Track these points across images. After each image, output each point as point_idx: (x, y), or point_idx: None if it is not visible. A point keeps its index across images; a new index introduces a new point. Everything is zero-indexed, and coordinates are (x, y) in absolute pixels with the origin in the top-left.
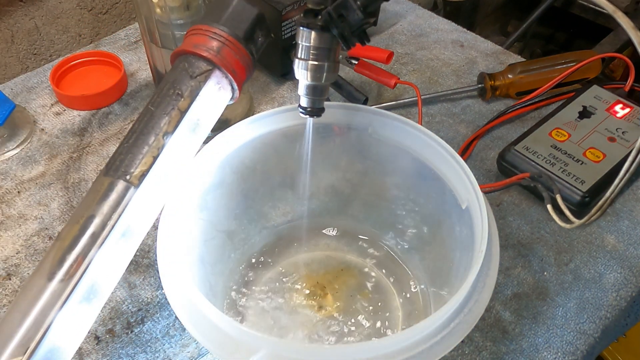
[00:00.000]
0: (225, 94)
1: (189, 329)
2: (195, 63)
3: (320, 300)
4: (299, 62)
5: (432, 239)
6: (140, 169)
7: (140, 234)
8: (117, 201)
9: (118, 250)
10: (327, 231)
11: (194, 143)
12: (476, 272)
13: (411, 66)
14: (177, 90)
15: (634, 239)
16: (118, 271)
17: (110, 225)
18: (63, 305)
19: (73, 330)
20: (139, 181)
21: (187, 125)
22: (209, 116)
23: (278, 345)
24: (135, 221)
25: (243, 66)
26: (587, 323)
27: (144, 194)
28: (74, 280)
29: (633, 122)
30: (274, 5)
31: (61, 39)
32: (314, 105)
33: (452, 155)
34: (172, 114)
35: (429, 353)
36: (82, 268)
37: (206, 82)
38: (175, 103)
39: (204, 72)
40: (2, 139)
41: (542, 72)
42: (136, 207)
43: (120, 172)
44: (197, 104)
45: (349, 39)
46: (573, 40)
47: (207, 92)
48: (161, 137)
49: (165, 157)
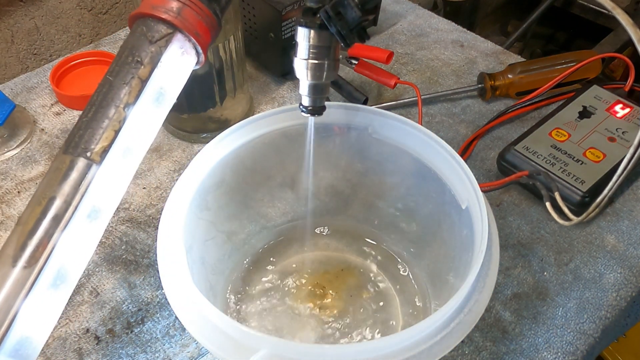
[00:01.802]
0: (190, 58)
1: (189, 329)
2: (154, 26)
3: (320, 300)
4: (299, 61)
5: (432, 239)
6: (102, 144)
7: (106, 214)
8: (79, 180)
9: (84, 232)
10: (327, 231)
11: (159, 114)
12: (476, 272)
13: (411, 66)
14: (136, 58)
15: (634, 239)
16: (86, 254)
17: (73, 206)
18: (29, 292)
19: (42, 318)
20: (100, 158)
21: (150, 94)
22: (174, 84)
23: (278, 345)
24: (100, 200)
25: (207, 28)
26: (587, 323)
27: (107, 171)
28: (39, 265)
29: (633, 122)
30: (274, 5)
31: (61, 39)
32: (315, 104)
33: (452, 155)
34: (133, 84)
35: (429, 353)
36: (46, 253)
37: (167, 47)
38: (135, 71)
39: (164, 36)
40: (2, 139)
41: (542, 72)
42: (100, 186)
43: (80, 148)
44: (159, 71)
45: (348, 37)
46: (573, 40)
47: (169, 57)
48: (122, 109)
49: (129, 131)
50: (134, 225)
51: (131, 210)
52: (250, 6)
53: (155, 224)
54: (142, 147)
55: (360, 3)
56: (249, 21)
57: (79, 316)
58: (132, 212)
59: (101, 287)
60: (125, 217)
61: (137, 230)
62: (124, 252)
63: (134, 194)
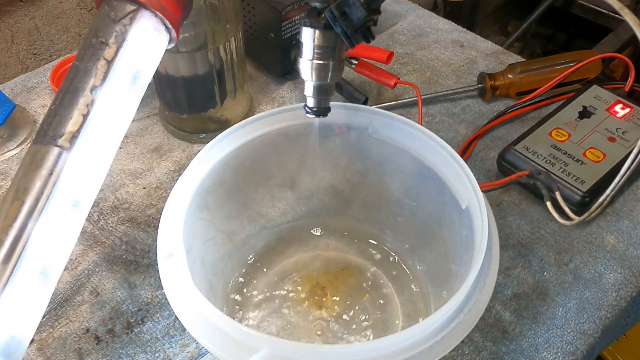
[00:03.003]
0: (160, 35)
1: (189, 329)
2: (117, 5)
3: (320, 300)
4: (304, 62)
5: (432, 239)
6: (70, 129)
7: (85, 202)
8: (50, 169)
9: (62, 222)
10: (327, 231)
11: (133, 95)
12: (476, 272)
13: (411, 66)
14: (100, 39)
15: (634, 239)
16: (66, 245)
17: (46, 195)
18: (5, 286)
19: (25, 315)
20: (70, 144)
21: (120, 75)
22: (146, 63)
23: (278, 345)
24: (77, 188)
25: (174, 1)
26: (587, 323)
27: (80, 158)
28: (13, 260)
29: (633, 122)
30: (274, 5)
31: (61, 39)
32: (320, 105)
33: (452, 155)
34: (98, 65)
35: (429, 353)
36: (20, 246)
37: (132, 24)
38: (100, 53)
39: (127, 14)
40: (2, 139)
41: (542, 72)
42: (75, 172)
43: (49, 137)
44: (126, 50)
45: (353, 37)
46: (573, 40)
47: (136, 35)
48: (89, 92)
49: (99, 114)
50: (134, 225)
51: (131, 210)
52: (250, 6)
53: (155, 224)
54: (117, 130)
55: (365, 3)
56: (249, 21)
57: (79, 316)
58: (132, 212)
59: (101, 287)
60: (125, 217)
61: (137, 230)
62: (124, 252)
63: (134, 194)
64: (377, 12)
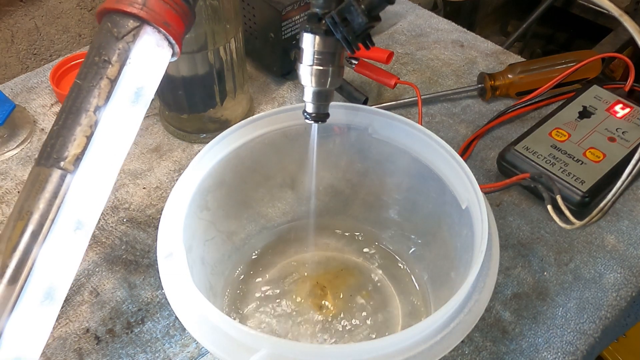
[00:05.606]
0: (163, 51)
1: (189, 329)
2: (120, 21)
3: (320, 300)
4: (304, 68)
5: (432, 239)
6: (74, 152)
7: (89, 224)
8: (54, 192)
9: (66, 244)
10: (327, 231)
11: (136, 113)
12: (476, 272)
13: (411, 66)
14: (103, 57)
15: (634, 239)
16: (71, 267)
17: (50, 220)
18: (12, 310)
19: (31, 337)
20: (74, 166)
21: (124, 94)
22: (149, 80)
23: (278, 345)
24: (80, 210)
25: (177, 16)
26: (587, 323)
27: (84, 180)
28: (19, 284)
29: (633, 122)
30: (274, 5)
31: (61, 39)
32: (319, 110)
33: (452, 155)
34: (102, 85)
35: (429, 353)
36: (26, 270)
37: (135, 41)
38: (103, 72)
39: (130, 31)
40: (2, 139)
41: (542, 72)
42: (79, 195)
43: (52, 159)
44: (129, 68)
45: (353, 43)
46: (573, 40)
47: (140, 52)
48: (92, 112)
49: (103, 135)
50: (134, 225)
51: (131, 210)
52: (250, 6)
53: (155, 224)
54: (121, 149)
55: (366, 9)
56: (249, 21)
57: (79, 316)
58: (132, 212)
59: (101, 287)
60: (125, 217)
61: (137, 230)
62: (124, 252)
63: (134, 194)
64: (377, 19)
